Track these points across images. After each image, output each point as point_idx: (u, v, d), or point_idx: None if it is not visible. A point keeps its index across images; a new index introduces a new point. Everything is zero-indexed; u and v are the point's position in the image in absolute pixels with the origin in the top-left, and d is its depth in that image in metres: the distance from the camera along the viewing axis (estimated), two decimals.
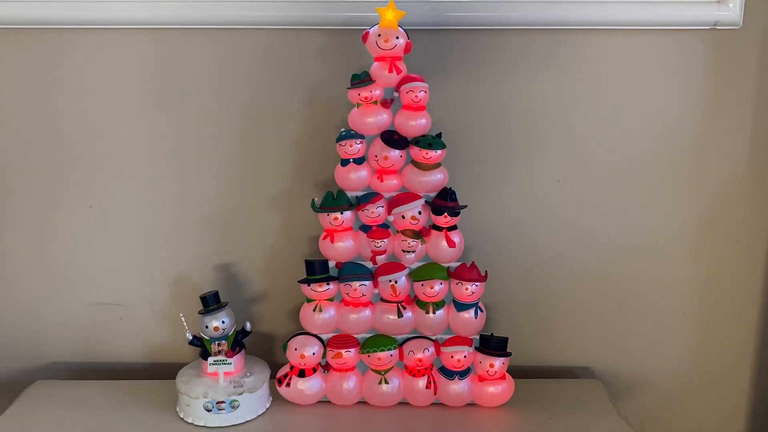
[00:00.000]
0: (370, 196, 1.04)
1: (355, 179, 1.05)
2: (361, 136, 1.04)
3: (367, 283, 1.05)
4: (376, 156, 1.04)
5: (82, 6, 1.07)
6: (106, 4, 1.07)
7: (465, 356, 1.06)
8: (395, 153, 1.03)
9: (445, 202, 1.03)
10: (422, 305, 1.06)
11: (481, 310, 1.07)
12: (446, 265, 1.07)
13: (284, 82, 1.11)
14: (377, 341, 1.06)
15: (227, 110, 1.13)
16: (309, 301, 1.07)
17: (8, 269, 1.19)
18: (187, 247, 1.18)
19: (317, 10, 1.07)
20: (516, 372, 1.10)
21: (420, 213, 1.04)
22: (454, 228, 1.05)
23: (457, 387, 1.07)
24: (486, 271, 1.05)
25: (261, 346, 1.19)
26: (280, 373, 1.10)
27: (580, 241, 1.18)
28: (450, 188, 1.04)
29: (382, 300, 1.07)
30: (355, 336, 1.08)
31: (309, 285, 1.05)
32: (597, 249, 1.19)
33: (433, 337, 1.08)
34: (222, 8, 1.07)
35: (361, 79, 1.02)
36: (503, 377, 1.08)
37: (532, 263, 1.19)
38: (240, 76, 1.11)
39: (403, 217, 1.04)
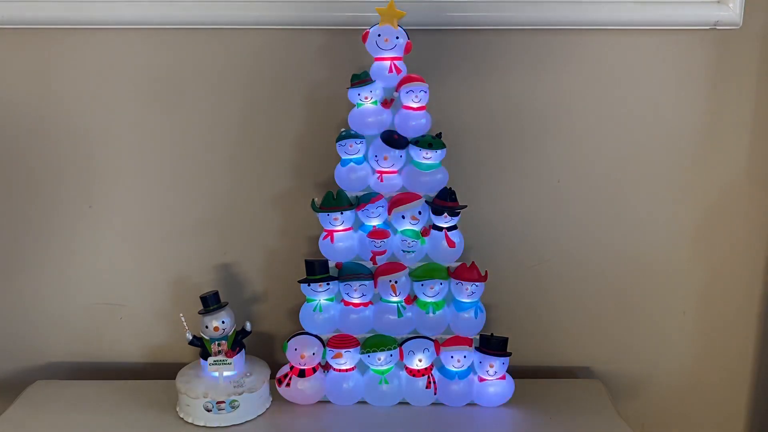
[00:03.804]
0: (370, 196, 1.04)
1: (355, 179, 1.05)
2: (361, 136, 1.04)
3: (367, 283, 1.05)
4: (376, 156, 1.04)
5: (82, 6, 1.07)
6: (106, 4, 1.07)
7: (465, 356, 1.06)
8: (395, 153, 1.03)
9: (445, 202, 1.03)
10: (422, 305, 1.06)
11: (481, 310, 1.07)
12: (446, 265, 1.07)
13: (284, 82, 1.11)
14: (377, 341, 1.06)
15: (227, 110, 1.13)
16: (309, 301, 1.07)
17: (8, 269, 1.19)
18: (187, 247, 1.18)
19: (317, 10, 1.07)
20: (516, 372, 1.10)
21: (420, 213, 1.04)
22: (454, 228, 1.05)
23: (457, 387, 1.07)
24: (486, 271, 1.05)
25: (261, 346, 1.19)
26: (280, 373, 1.10)
27: (580, 241, 1.18)
28: (450, 188, 1.04)
29: (382, 300, 1.07)
30: (355, 336, 1.08)
31: (309, 285, 1.05)
32: (597, 249, 1.19)
33: (433, 337, 1.08)
34: (222, 8, 1.07)
35: (361, 79, 1.02)
36: (503, 377, 1.08)
37: (533, 263, 1.19)
38: (240, 76, 1.11)
39: (403, 217, 1.04)
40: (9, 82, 1.11)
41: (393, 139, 1.03)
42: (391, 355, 1.06)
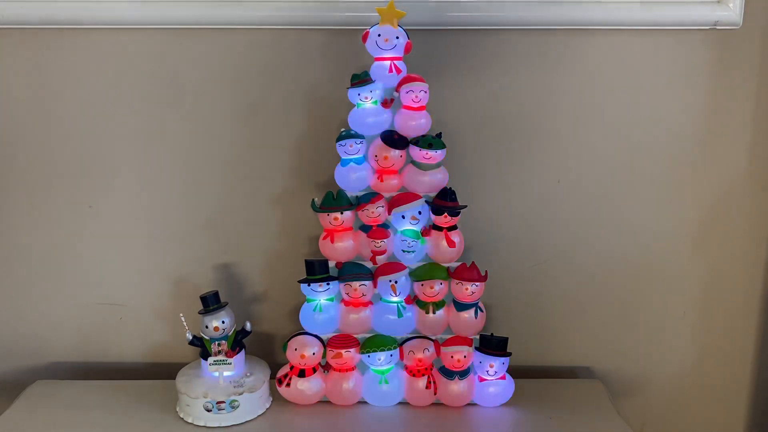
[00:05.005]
0: (370, 196, 1.04)
1: (355, 179, 1.05)
2: (361, 136, 1.04)
3: (367, 283, 1.05)
4: (376, 156, 1.04)
5: (82, 6, 1.07)
6: (106, 4, 1.07)
7: (465, 356, 1.06)
8: (395, 153, 1.03)
9: (445, 202, 1.03)
10: (422, 305, 1.06)
11: (481, 310, 1.07)
12: (446, 265, 1.07)
13: (284, 82, 1.11)
14: (377, 341, 1.06)
15: (227, 110, 1.13)
16: (309, 301, 1.07)
17: (8, 269, 1.19)
18: (187, 247, 1.18)
19: (317, 10, 1.07)
20: (516, 372, 1.11)
21: (420, 213, 1.04)
22: (454, 228, 1.05)
23: (457, 387, 1.07)
24: (486, 271, 1.05)
25: (261, 346, 1.19)
26: (280, 373, 1.10)
27: (580, 241, 1.18)
28: (450, 188, 1.04)
29: (382, 300, 1.07)
30: (355, 336, 1.08)
31: (309, 285, 1.05)
32: (597, 249, 1.19)
33: (433, 337, 1.08)
34: (222, 8, 1.07)
35: (361, 79, 1.02)
36: (503, 377, 1.08)
37: (533, 263, 1.19)
38: (240, 76, 1.11)
39: (403, 217, 1.04)
40: (8, 82, 1.11)
41: (393, 139, 1.03)
42: (391, 355, 1.06)
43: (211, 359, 1.06)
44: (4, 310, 1.20)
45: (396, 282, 1.05)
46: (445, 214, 1.04)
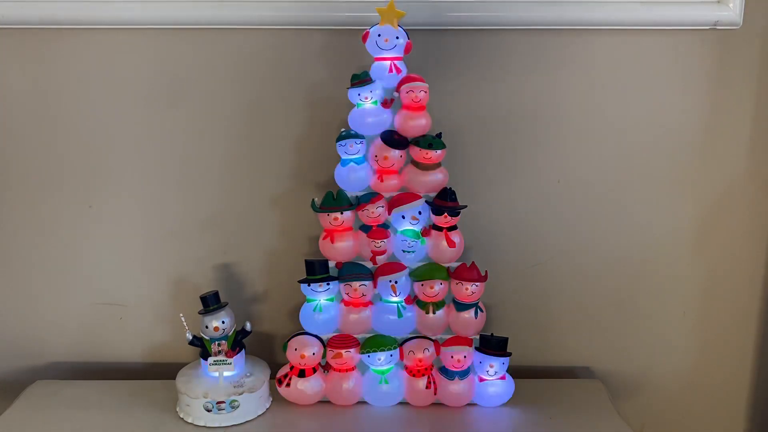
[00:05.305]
0: (370, 196, 1.04)
1: (355, 179, 1.05)
2: (361, 136, 1.04)
3: (367, 283, 1.05)
4: (376, 156, 1.04)
5: (82, 6, 1.07)
6: (106, 4, 1.07)
7: (465, 356, 1.06)
8: (395, 153, 1.03)
9: (445, 202, 1.03)
10: (422, 305, 1.06)
11: (481, 310, 1.07)
12: (446, 265, 1.07)
13: (284, 82, 1.11)
14: (377, 341, 1.06)
15: (227, 110, 1.13)
16: (309, 301, 1.07)
17: (8, 269, 1.19)
18: (187, 247, 1.18)
19: (317, 10, 1.07)
20: (516, 372, 1.10)
21: (420, 213, 1.04)
22: (454, 228, 1.05)
23: (457, 387, 1.07)
24: (486, 271, 1.05)
25: (261, 346, 1.19)
26: (280, 373, 1.10)
27: (580, 241, 1.18)
28: (450, 188, 1.04)
29: (382, 300, 1.07)
30: (355, 336, 1.08)
31: (309, 285, 1.05)
32: (597, 249, 1.19)
33: (433, 337, 1.08)
34: (222, 8, 1.07)
35: (361, 79, 1.02)
36: (503, 377, 1.08)
37: (533, 263, 1.19)
38: (240, 76, 1.11)
39: (403, 217, 1.04)
40: (8, 82, 1.11)
41: (393, 139, 1.03)
42: (391, 355, 1.06)
43: (211, 359, 1.06)
44: (4, 310, 1.20)
45: (396, 282, 1.05)
46: (445, 214, 1.04)
